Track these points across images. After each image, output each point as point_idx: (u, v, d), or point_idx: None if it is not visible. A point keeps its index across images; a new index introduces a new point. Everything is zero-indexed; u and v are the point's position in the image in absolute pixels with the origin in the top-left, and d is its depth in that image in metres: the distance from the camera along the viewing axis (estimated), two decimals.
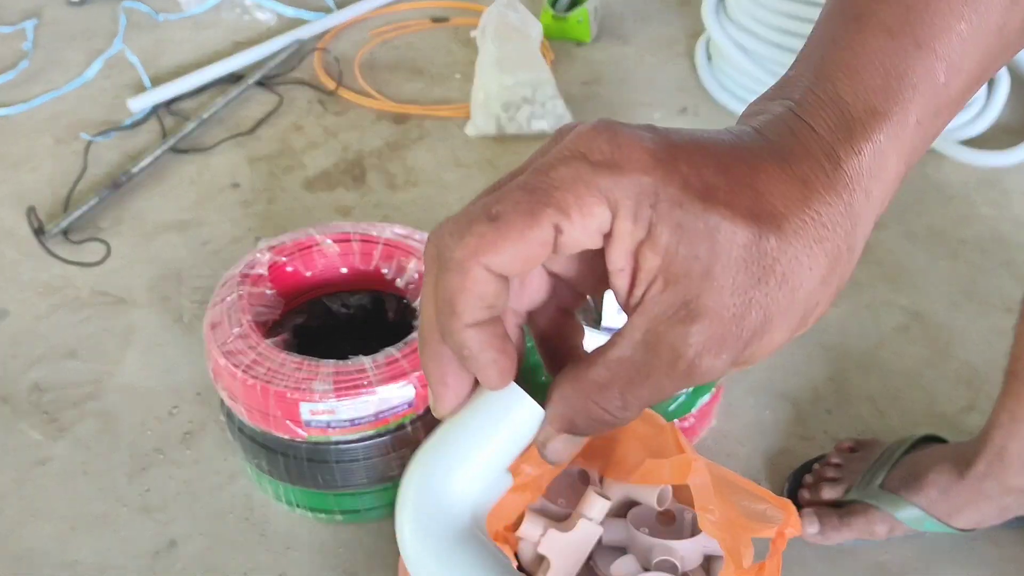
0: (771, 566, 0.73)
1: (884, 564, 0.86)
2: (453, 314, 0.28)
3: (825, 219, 0.27)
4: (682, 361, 0.27)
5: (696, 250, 0.26)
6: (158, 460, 0.95)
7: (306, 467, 0.83)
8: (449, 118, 1.45)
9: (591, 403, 0.29)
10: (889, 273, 1.17)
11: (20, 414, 1.00)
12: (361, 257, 0.91)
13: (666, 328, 0.27)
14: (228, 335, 0.81)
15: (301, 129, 1.44)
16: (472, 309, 0.28)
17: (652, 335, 0.27)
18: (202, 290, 1.14)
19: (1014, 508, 0.83)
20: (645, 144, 0.27)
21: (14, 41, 1.66)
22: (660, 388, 0.28)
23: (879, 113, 0.28)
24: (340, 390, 0.77)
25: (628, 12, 1.75)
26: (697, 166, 0.27)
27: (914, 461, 0.85)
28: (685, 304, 0.27)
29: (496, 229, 0.27)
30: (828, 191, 0.27)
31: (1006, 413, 0.78)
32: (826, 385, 1.03)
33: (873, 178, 0.28)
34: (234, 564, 0.86)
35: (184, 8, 1.75)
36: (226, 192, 1.31)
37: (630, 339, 0.28)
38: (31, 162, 1.37)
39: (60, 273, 1.17)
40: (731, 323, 0.27)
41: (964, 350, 1.07)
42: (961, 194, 1.30)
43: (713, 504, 0.74)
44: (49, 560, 0.86)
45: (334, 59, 1.59)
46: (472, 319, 0.28)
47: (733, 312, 0.27)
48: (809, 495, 0.88)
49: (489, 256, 0.27)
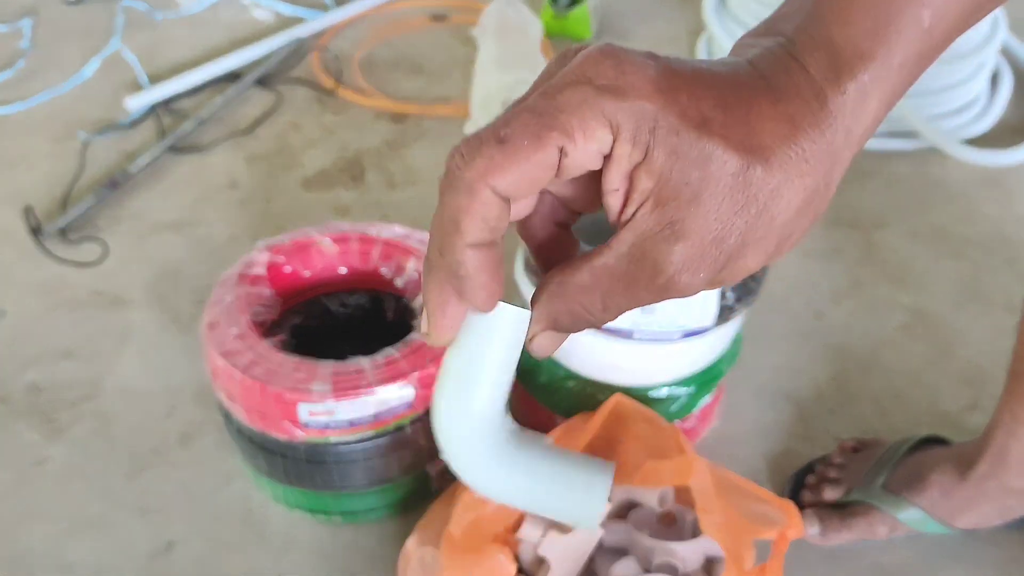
0: (773, 568, 0.73)
1: (885, 565, 0.85)
2: (456, 232, 0.29)
3: (808, 155, 0.29)
4: (662, 276, 0.29)
5: (688, 176, 0.28)
6: (156, 461, 0.95)
7: (304, 468, 0.82)
8: (449, 117, 1.45)
9: (575, 303, 0.31)
10: (892, 272, 1.16)
11: (17, 414, 1.00)
12: (360, 257, 0.90)
13: (651, 245, 0.29)
14: (226, 335, 0.80)
15: (299, 128, 1.44)
16: (475, 229, 0.29)
17: (637, 249, 0.29)
18: (200, 290, 1.14)
19: (1016, 509, 0.82)
20: (648, 72, 0.28)
21: (11, 39, 1.65)
22: (637, 298, 0.30)
23: (866, 55, 0.29)
24: (339, 391, 0.76)
25: (629, 9, 1.74)
26: (696, 97, 0.28)
27: (916, 462, 0.85)
28: (671, 224, 0.29)
29: (504, 152, 0.28)
30: (813, 128, 0.29)
31: (1008, 413, 0.77)
32: (828, 385, 1.02)
33: (855, 119, 0.30)
34: (232, 565, 0.86)
35: (182, 6, 1.74)
36: (224, 191, 1.31)
37: (616, 251, 0.30)
38: (28, 161, 1.37)
39: (57, 273, 1.17)
40: (711, 245, 0.29)
41: (967, 349, 1.06)
42: (964, 193, 1.30)
43: (714, 506, 0.74)
44: (46, 561, 0.86)
45: (333, 58, 1.58)
46: (474, 239, 0.29)
47: (714, 235, 0.29)
48: (811, 496, 0.88)
49: (496, 178, 0.28)
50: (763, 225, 0.29)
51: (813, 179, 0.29)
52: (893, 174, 1.32)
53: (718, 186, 0.28)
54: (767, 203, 0.29)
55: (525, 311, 0.32)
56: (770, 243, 0.30)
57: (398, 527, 0.88)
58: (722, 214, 0.29)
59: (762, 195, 0.29)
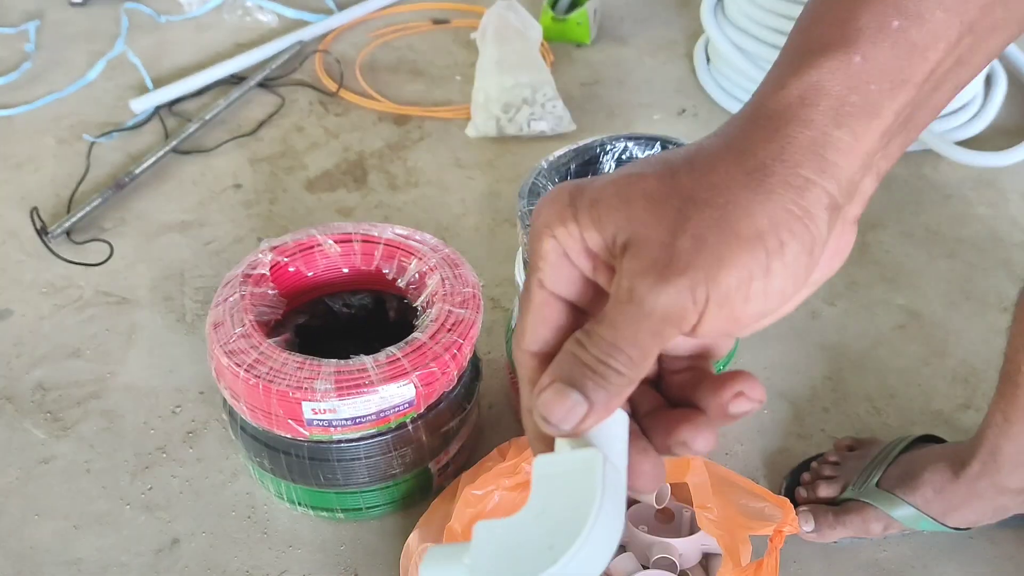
0: (769, 564, 0.74)
1: (881, 562, 0.86)
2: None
3: (744, 145, 0.30)
4: (624, 292, 0.29)
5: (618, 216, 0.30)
6: (161, 459, 0.96)
7: (308, 465, 0.83)
8: (449, 119, 1.46)
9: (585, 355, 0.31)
10: (886, 272, 1.18)
11: (24, 413, 1.01)
12: (362, 257, 0.91)
13: (617, 274, 0.30)
14: (230, 335, 0.81)
15: (302, 130, 1.45)
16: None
17: (614, 286, 0.30)
18: (205, 290, 1.15)
19: (1010, 508, 0.83)
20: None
21: (16, 42, 1.67)
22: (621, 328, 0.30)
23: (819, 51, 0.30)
24: (342, 389, 0.77)
25: (628, 14, 1.75)
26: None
27: (910, 460, 0.86)
28: (616, 244, 0.30)
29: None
30: (749, 124, 0.30)
31: (1000, 414, 0.78)
32: (824, 384, 1.03)
33: (805, 105, 0.29)
34: (236, 562, 0.87)
35: (186, 10, 1.75)
36: (228, 193, 1.32)
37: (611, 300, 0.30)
38: (34, 163, 1.38)
39: (63, 273, 1.18)
40: (661, 249, 0.29)
41: (961, 349, 1.07)
42: (958, 194, 1.31)
43: (711, 502, 0.75)
44: (52, 558, 0.87)
45: (335, 60, 1.59)
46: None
47: (662, 240, 0.29)
48: (806, 493, 0.89)
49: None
50: (713, 219, 0.29)
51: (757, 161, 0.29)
52: (888, 175, 1.32)
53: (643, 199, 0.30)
54: (708, 199, 0.29)
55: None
56: (744, 236, 0.28)
57: (400, 523, 0.89)
58: (663, 221, 0.29)
59: (698, 195, 0.29)
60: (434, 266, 0.87)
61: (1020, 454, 0.79)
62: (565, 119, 1.42)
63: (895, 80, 0.30)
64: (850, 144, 0.29)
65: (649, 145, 0.89)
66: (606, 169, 0.89)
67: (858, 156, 0.30)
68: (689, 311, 0.29)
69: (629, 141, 0.89)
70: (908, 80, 0.30)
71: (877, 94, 0.30)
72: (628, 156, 0.89)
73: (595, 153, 0.89)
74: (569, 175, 0.88)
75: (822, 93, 0.29)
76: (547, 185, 0.84)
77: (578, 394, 0.30)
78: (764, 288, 0.29)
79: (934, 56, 0.30)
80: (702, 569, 0.81)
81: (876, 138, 0.30)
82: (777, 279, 0.29)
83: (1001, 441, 0.79)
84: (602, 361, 0.30)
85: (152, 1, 1.79)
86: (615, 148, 0.89)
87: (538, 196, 0.83)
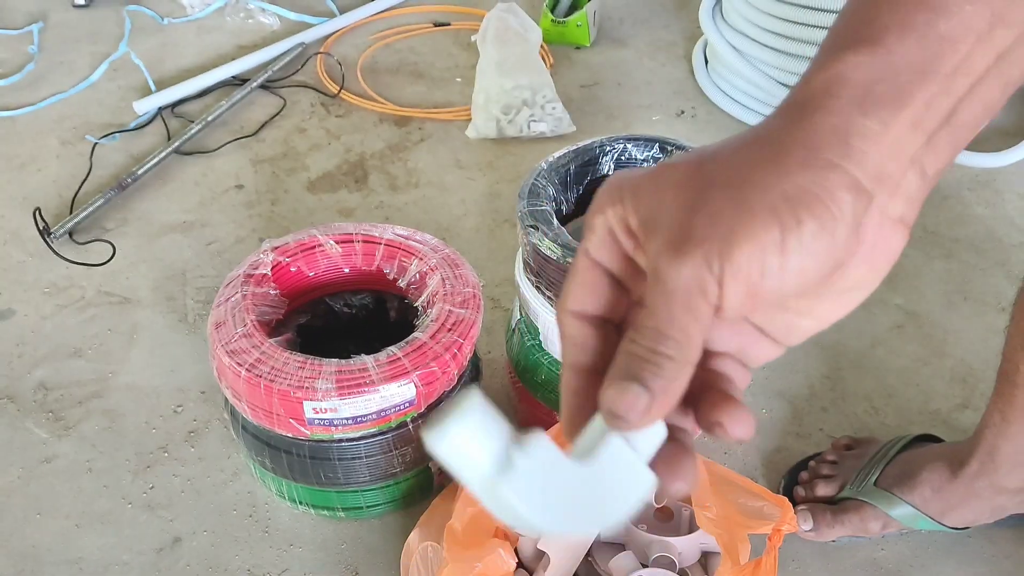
0: (767, 562, 0.74)
1: (879, 560, 0.87)
2: None
3: (769, 134, 0.31)
4: (651, 273, 0.31)
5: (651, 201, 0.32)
6: (162, 458, 0.96)
7: (309, 464, 0.84)
8: (450, 121, 1.47)
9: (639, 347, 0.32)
10: None
11: (26, 412, 1.01)
12: (363, 257, 0.92)
13: (647, 258, 0.31)
14: (232, 334, 0.82)
15: (304, 131, 1.45)
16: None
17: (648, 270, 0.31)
18: (206, 290, 1.16)
19: (1008, 507, 0.83)
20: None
21: (20, 44, 1.67)
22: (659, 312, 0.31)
23: (845, 47, 0.31)
24: (343, 389, 0.77)
25: (627, 16, 1.76)
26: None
27: (908, 460, 0.86)
28: (646, 226, 0.31)
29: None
30: (775, 117, 0.31)
31: (998, 414, 0.78)
32: (822, 383, 1.04)
33: (830, 96, 0.30)
34: (238, 560, 0.87)
35: (188, 12, 1.76)
36: (230, 193, 1.32)
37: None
38: (37, 164, 1.38)
39: (66, 273, 1.19)
40: (679, 228, 0.30)
41: (959, 348, 1.08)
42: (955, 194, 1.31)
43: (710, 501, 0.75)
44: (54, 557, 0.88)
45: (337, 62, 1.60)
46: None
47: (680, 220, 0.30)
48: (804, 492, 0.89)
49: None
50: (732, 196, 0.30)
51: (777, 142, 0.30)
52: None
53: (669, 183, 0.31)
54: (730, 179, 0.30)
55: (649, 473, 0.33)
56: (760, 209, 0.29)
57: (400, 522, 0.89)
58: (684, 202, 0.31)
59: (719, 176, 0.30)
60: (435, 266, 0.88)
61: (1018, 454, 0.79)
62: (565, 121, 1.42)
63: (923, 71, 0.30)
64: (878, 132, 0.30)
65: (648, 146, 0.90)
66: (605, 170, 0.90)
67: (886, 145, 0.30)
68: (708, 281, 0.29)
69: (628, 142, 0.90)
70: (937, 71, 0.30)
71: (904, 84, 0.30)
72: (627, 157, 0.90)
73: (595, 154, 0.89)
74: (568, 176, 0.88)
75: (846, 83, 0.30)
76: (547, 186, 0.85)
77: (638, 386, 0.31)
78: (780, 264, 0.29)
79: (964, 47, 0.30)
80: (701, 568, 0.81)
81: (906, 128, 0.30)
82: (794, 257, 0.29)
83: (999, 441, 0.79)
84: (652, 350, 0.31)
85: (155, 3, 1.79)
86: (614, 149, 0.89)
87: (538, 197, 0.83)
